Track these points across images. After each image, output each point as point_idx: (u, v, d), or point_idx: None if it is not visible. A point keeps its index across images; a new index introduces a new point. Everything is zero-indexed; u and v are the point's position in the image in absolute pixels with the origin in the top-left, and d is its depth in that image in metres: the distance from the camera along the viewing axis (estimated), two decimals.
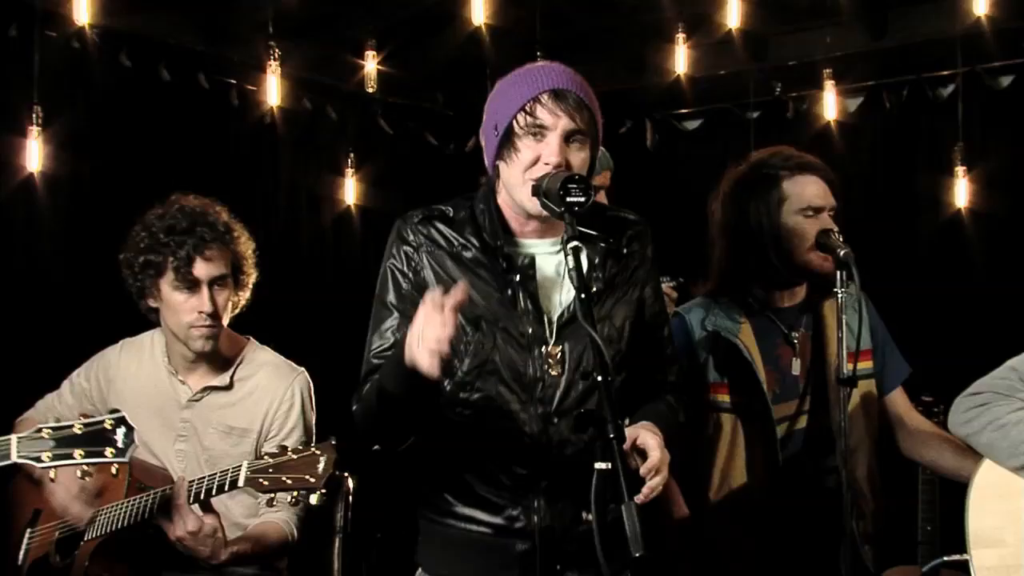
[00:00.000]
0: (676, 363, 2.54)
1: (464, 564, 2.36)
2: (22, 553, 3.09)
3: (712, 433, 2.88)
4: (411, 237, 2.37)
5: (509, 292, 2.31)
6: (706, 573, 2.94)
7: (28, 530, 3.11)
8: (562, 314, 2.33)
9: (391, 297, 2.37)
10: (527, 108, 2.27)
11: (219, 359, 3.13)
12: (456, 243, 2.35)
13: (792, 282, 2.89)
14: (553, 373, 2.30)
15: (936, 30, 5.15)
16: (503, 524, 2.32)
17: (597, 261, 2.35)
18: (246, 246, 3.14)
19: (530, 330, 2.30)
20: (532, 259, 2.34)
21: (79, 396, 3.22)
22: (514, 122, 2.28)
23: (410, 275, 2.35)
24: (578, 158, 2.28)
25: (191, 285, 3.01)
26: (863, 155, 5.40)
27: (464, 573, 2.36)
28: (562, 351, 2.31)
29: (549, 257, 2.36)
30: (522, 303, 2.31)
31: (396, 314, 2.35)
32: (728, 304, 2.91)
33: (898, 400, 3.01)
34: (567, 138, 2.27)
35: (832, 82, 5.37)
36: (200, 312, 3.01)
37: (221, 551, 2.79)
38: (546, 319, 2.32)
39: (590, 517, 2.26)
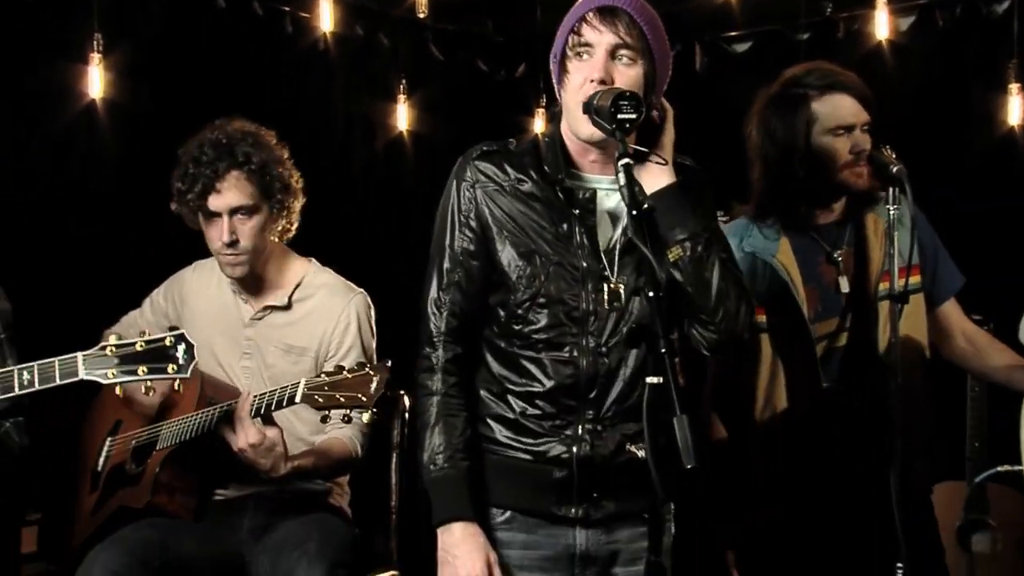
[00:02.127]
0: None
1: (505, 490, 2.39)
2: (102, 459, 3.22)
3: (754, 353, 2.91)
4: (468, 174, 2.37)
5: (565, 226, 2.32)
6: (742, 501, 2.98)
7: (109, 438, 3.24)
8: (620, 248, 2.33)
9: (447, 239, 2.39)
10: (575, 28, 2.27)
11: (274, 278, 3.19)
12: (513, 176, 2.35)
13: (830, 199, 2.89)
14: (609, 307, 2.31)
15: None
16: (542, 451, 2.35)
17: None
18: (281, 173, 3.12)
19: (585, 264, 2.31)
20: (593, 193, 2.33)
21: (158, 313, 3.33)
22: (565, 46, 2.29)
23: (467, 213, 2.36)
24: (626, 75, 2.24)
25: (210, 215, 3.07)
26: (915, 74, 5.33)
27: (505, 498, 2.39)
28: (622, 286, 2.32)
29: (612, 194, 2.34)
30: (578, 237, 2.31)
31: (452, 254, 2.37)
32: (767, 224, 2.92)
33: (950, 311, 3.01)
34: (612, 54, 2.24)
35: (883, 1, 5.29)
36: (221, 241, 3.07)
37: (281, 464, 2.88)
38: (603, 254, 2.33)
39: (633, 449, 2.34)
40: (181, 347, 2.54)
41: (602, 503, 2.36)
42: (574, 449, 2.34)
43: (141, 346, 2.52)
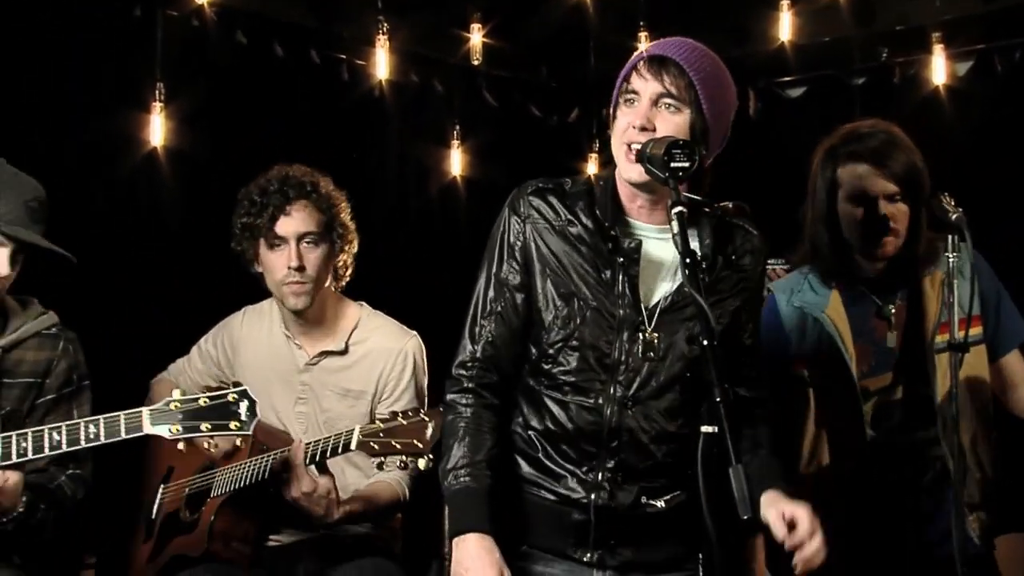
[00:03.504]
0: (764, 382, 2.48)
1: (523, 526, 2.38)
2: (156, 507, 3.25)
3: (800, 408, 2.89)
4: (521, 208, 2.38)
5: (608, 273, 2.31)
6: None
7: (162, 486, 3.27)
8: (660, 301, 2.32)
9: (494, 267, 2.40)
10: (626, 77, 2.30)
11: (330, 323, 3.22)
12: (564, 217, 2.35)
13: (870, 260, 2.86)
14: (644, 358, 2.30)
15: None
16: (564, 494, 2.34)
17: (707, 265, 2.32)
18: (339, 207, 3.19)
19: (622, 313, 2.30)
20: (639, 243, 2.32)
21: (207, 360, 3.37)
22: (618, 94, 2.31)
23: (515, 245, 2.37)
24: (670, 123, 2.25)
25: (279, 242, 3.11)
26: (973, 120, 5.28)
27: (521, 532, 2.39)
28: (657, 339, 2.31)
29: (657, 243, 2.34)
30: (620, 287, 2.31)
31: (497, 284, 2.38)
32: (818, 277, 2.90)
33: (1013, 362, 2.97)
34: (656, 101, 2.25)
35: (941, 46, 5.24)
36: (289, 268, 3.09)
37: (334, 510, 2.90)
38: (643, 306, 2.31)
39: (652, 502, 2.34)
40: (244, 404, 2.56)
41: (618, 550, 2.35)
42: (592, 496, 2.33)
43: (204, 402, 2.55)
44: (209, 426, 2.54)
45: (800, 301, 2.90)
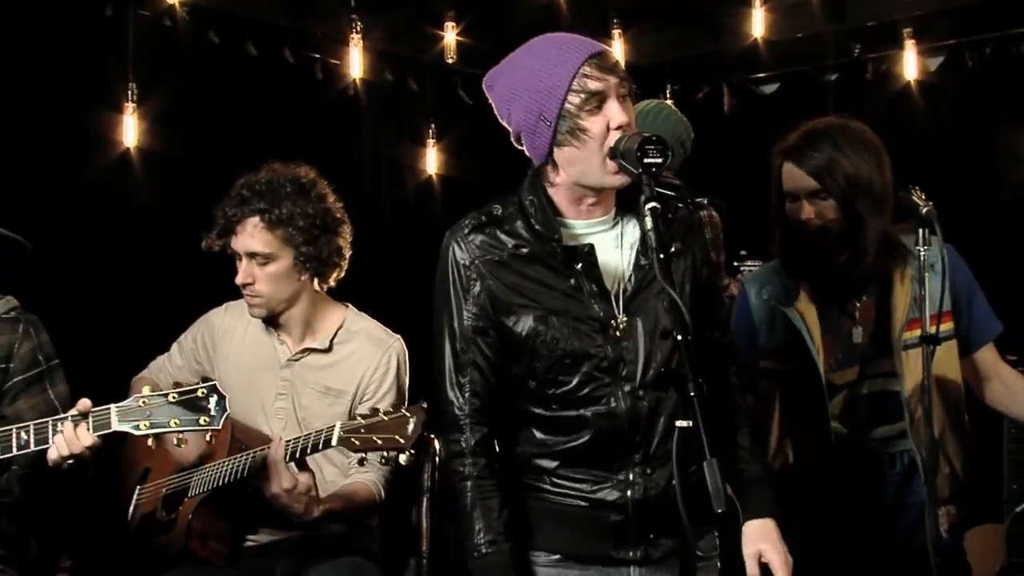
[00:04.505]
0: (728, 323, 2.53)
1: (553, 533, 2.36)
2: (132, 508, 3.22)
3: (767, 400, 2.91)
4: (464, 251, 2.32)
5: (572, 280, 2.29)
6: None
7: (138, 487, 3.24)
8: (625, 288, 2.31)
9: (454, 320, 2.34)
10: (575, 86, 2.22)
11: (314, 322, 3.21)
12: (508, 244, 2.31)
13: (829, 255, 2.85)
14: (627, 348, 2.29)
15: None
16: (598, 498, 2.32)
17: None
18: (311, 225, 3.10)
19: (600, 312, 2.29)
20: (592, 246, 2.31)
21: (187, 356, 3.35)
22: (567, 104, 2.23)
23: (470, 290, 2.31)
24: (632, 114, 2.26)
25: (235, 254, 3.12)
26: (945, 114, 5.33)
27: (552, 542, 2.36)
28: (629, 324, 2.29)
29: (605, 235, 2.34)
30: (587, 287, 2.29)
31: (462, 334, 2.32)
32: (788, 272, 2.92)
33: (986, 356, 2.98)
34: (622, 96, 2.24)
35: (912, 41, 5.30)
36: (236, 282, 3.11)
37: (314, 508, 2.88)
38: (612, 297, 2.30)
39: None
40: (213, 398, 2.53)
41: (659, 542, 2.34)
42: (628, 493, 2.31)
43: (173, 397, 2.52)
44: (178, 421, 2.51)
45: (769, 294, 2.92)
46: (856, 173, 2.76)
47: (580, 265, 2.29)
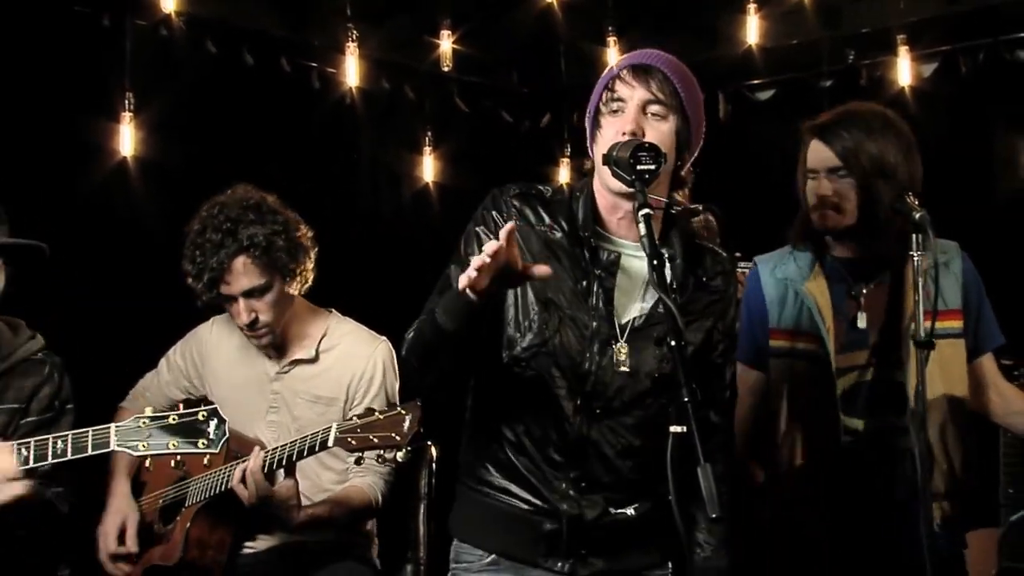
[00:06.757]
0: (731, 410, 2.50)
1: (494, 534, 2.39)
2: None
3: (776, 381, 2.93)
4: (503, 207, 2.36)
5: (584, 283, 2.31)
6: (780, 533, 2.96)
7: (135, 500, 3.26)
8: (634, 318, 2.33)
9: (468, 248, 2.35)
10: (609, 86, 2.29)
11: (299, 333, 3.22)
12: (545, 222, 2.34)
13: (837, 237, 2.90)
14: (614, 372, 2.30)
15: None
16: (535, 502, 2.35)
17: (676, 285, 2.33)
18: (287, 242, 3.10)
19: (595, 325, 2.30)
20: (618, 256, 2.32)
21: (175, 371, 3.36)
22: (600, 104, 2.30)
23: (495, 233, 2.30)
24: (657, 130, 2.26)
25: (227, 299, 3.10)
26: (939, 121, 5.34)
27: (494, 542, 2.39)
28: (627, 353, 2.31)
29: (635, 260, 2.34)
30: (594, 298, 2.30)
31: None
32: (803, 254, 2.95)
33: (986, 365, 3.00)
34: (644, 108, 2.26)
35: (906, 48, 5.30)
36: (241, 322, 3.10)
37: (294, 515, 2.90)
38: (616, 320, 2.31)
39: (619, 511, 2.35)
40: (213, 422, 2.53)
41: (589, 560, 2.36)
42: (563, 506, 2.33)
43: (174, 419, 2.52)
44: (177, 443, 2.51)
45: (783, 273, 2.95)
46: (882, 157, 2.79)
47: (600, 271, 2.30)
